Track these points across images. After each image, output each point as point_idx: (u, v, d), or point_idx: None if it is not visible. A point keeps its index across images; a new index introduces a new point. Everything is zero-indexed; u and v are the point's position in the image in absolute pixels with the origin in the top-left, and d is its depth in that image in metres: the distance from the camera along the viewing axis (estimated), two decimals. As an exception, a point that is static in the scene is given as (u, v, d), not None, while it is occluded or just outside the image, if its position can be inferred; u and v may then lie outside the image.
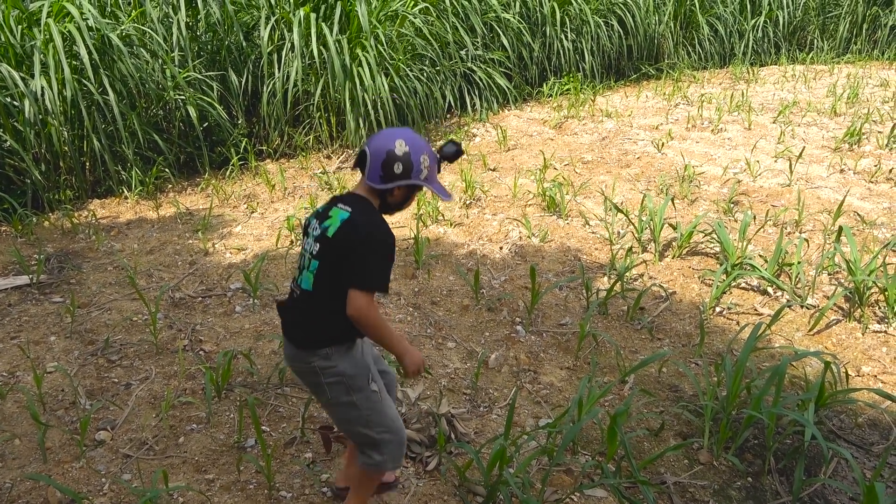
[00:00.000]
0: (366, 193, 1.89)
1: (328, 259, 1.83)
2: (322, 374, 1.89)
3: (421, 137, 1.89)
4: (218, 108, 6.01)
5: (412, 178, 1.83)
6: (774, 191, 4.97)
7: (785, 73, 9.26)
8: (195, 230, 4.73)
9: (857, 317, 3.27)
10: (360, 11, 6.04)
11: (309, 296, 1.88)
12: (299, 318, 1.91)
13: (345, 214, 1.83)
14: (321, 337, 1.87)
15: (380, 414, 1.94)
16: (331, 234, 1.83)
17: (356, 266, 1.79)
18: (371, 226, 1.82)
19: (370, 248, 1.80)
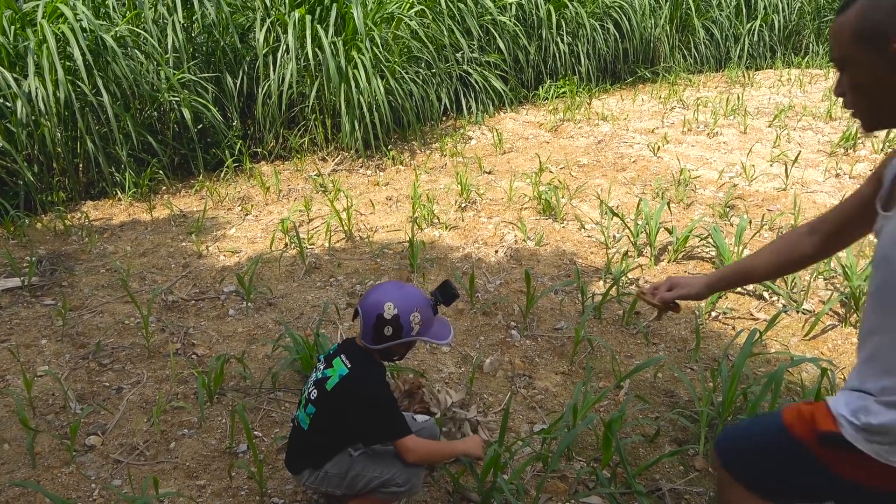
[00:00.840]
0: (363, 346, 1.98)
1: (325, 408, 1.94)
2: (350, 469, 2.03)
3: (412, 292, 1.94)
4: (212, 110, 5.99)
5: (403, 337, 1.90)
6: (770, 195, 4.97)
7: (780, 77, 9.28)
8: (189, 232, 4.70)
9: (853, 322, 3.26)
10: (356, 14, 6.02)
11: (303, 434, 2.01)
12: (297, 453, 2.06)
13: (344, 370, 1.93)
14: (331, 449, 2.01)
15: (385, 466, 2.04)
16: (329, 388, 1.93)
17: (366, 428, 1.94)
18: (370, 388, 1.92)
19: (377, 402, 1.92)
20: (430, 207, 4.78)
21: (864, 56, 1.25)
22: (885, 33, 1.20)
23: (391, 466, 2.00)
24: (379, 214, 4.97)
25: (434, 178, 5.76)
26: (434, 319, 1.96)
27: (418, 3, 7.25)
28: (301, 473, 2.03)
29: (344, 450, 2.00)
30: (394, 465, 2.00)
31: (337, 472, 2.00)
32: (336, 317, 3.48)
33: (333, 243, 4.43)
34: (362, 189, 5.61)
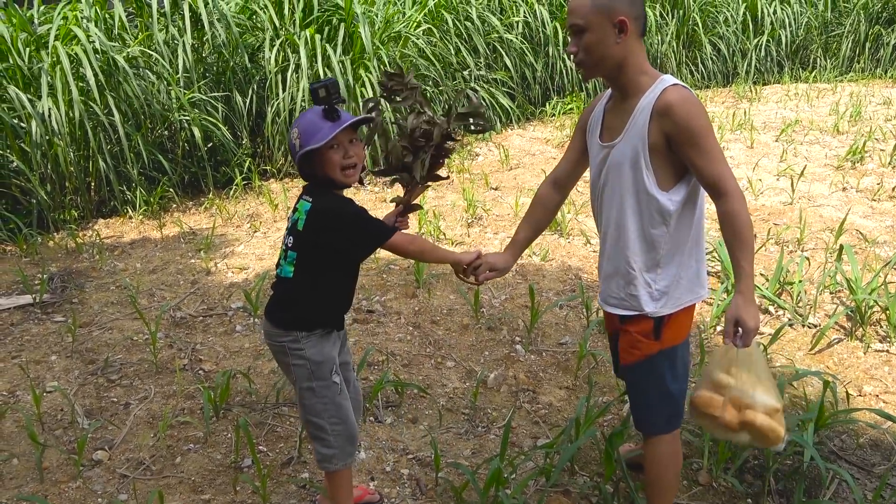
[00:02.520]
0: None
1: (305, 249, 1.92)
2: (290, 354, 1.98)
3: (303, 112, 1.93)
4: (222, 129, 6.07)
5: (295, 157, 1.89)
6: (776, 209, 4.97)
7: (788, 92, 9.29)
8: (198, 249, 4.75)
9: (859, 336, 3.25)
10: (364, 33, 6.10)
11: (288, 282, 1.96)
12: (277, 301, 2.01)
13: (307, 205, 1.91)
14: (294, 320, 1.95)
15: (335, 405, 2.02)
16: (301, 227, 1.90)
17: (357, 244, 1.92)
18: (337, 207, 1.90)
19: (344, 216, 1.89)
20: (437, 223, 4.81)
21: (597, 24, 1.74)
22: (613, 8, 1.73)
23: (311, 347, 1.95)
24: (386, 231, 5.00)
25: (441, 195, 5.79)
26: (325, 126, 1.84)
27: (425, 22, 7.34)
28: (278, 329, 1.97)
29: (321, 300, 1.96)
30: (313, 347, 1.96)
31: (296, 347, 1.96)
32: (342, 332, 3.50)
33: (340, 259, 4.46)
34: (370, 206, 5.66)
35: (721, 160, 1.75)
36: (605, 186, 1.94)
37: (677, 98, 1.75)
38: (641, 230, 1.87)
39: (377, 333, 3.49)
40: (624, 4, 1.75)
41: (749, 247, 1.75)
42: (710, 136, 1.74)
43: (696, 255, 1.92)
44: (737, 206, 1.73)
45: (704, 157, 1.74)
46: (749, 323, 1.73)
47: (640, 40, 1.81)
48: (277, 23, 6.60)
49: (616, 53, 1.78)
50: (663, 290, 1.88)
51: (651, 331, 1.91)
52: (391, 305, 3.81)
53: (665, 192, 1.82)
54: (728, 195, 1.74)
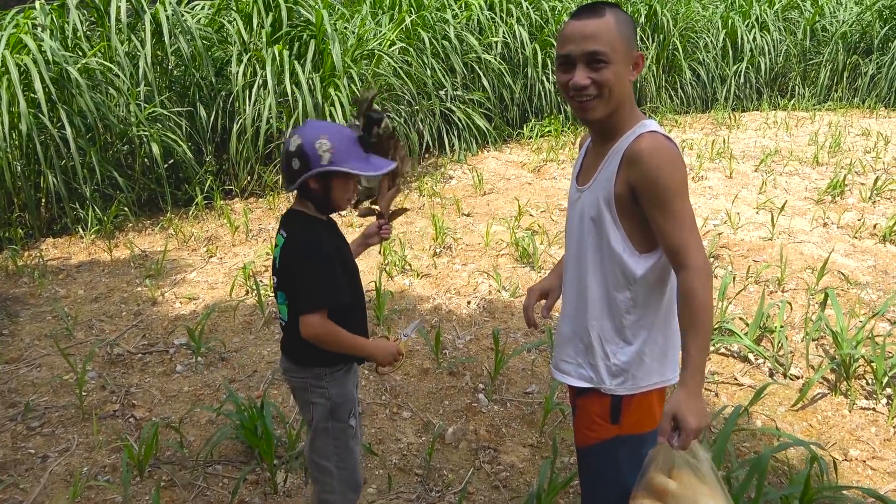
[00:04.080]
0: (298, 204, 1.83)
1: (287, 290, 1.81)
2: (311, 391, 1.88)
3: (324, 123, 1.78)
4: (182, 145, 5.78)
5: (312, 168, 1.71)
6: (756, 245, 4.80)
7: (767, 120, 9.22)
8: (147, 276, 4.46)
9: (844, 390, 3.05)
10: (334, 50, 5.87)
11: (289, 325, 1.84)
12: (289, 339, 1.89)
13: (281, 240, 1.80)
14: (312, 357, 1.84)
15: (347, 449, 1.93)
16: (279, 266, 1.81)
17: (299, 289, 1.76)
18: (301, 242, 1.77)
19: (303, 262, 1.75)
20: (402, 253, 4.56)
21: (622, 56, 1.53)
22: (632, 41, 1.55)
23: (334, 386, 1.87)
24: (349, 259, 4.74)
25: (410, 220, 5.55)
26: (361, 154, 1.76)
27: (401, 40, 7.14)
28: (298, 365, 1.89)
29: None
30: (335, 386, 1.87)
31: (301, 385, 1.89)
32: (291, 375, 3.23)
33: (298, 291, 4.19)
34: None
35: (689, 227, 1.50)
36: (572, 236, 1.72)
37: (649, 146, 1.51)
38: (605, 292, 1.63)
39: (329, 377, 3.22)
40: (634, 39, 1.58)
41: (704, 333, 1.48)
42: (679, 197, 1.49)
43: (666, 333, 1.65)
44: (697, 284, 1.48)
45: (670, 219, 1.49)
46: (689, 421, 1.44)
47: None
48: (246, 37, 6.35)
49: (626, 92, 1.57)
50: (623, 365, 1.63)
51: (608, 412, 1.64)
52: (348, 345, 3.54)
53: (635, 254, 1.58)
54: (690, 269, 1.48)
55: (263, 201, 6.08)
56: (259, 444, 2.46)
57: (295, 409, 2.96)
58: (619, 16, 1.54)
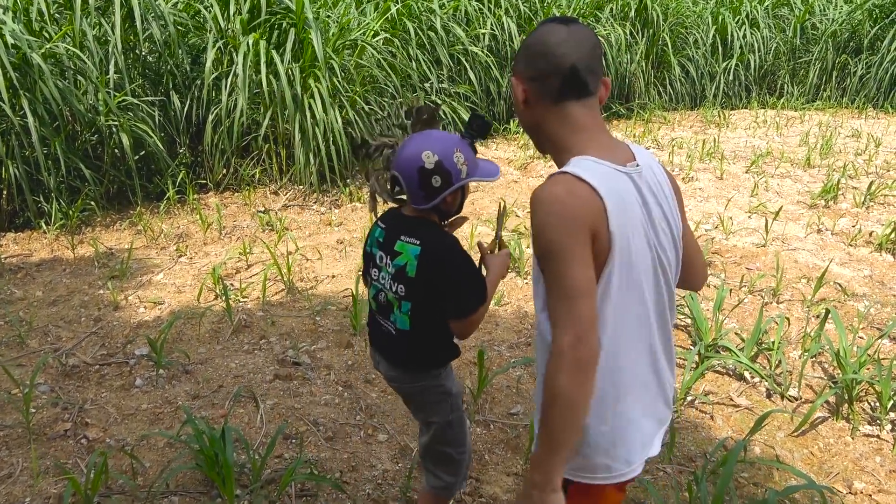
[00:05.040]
0: (409, 211, 1.79)
1: (419, 298, 1.75)
2: (430, 392, 1.89)
3: (443, 134, 1.74)
4: (154, 136, 5.51)
5: (454, 183, 1.69)
6: (749, 251, 4.63)
7: (756, 119, 9.08)
8: (111, 276, 4.21)
9: (845, 414, 2.89)
10: (315, 40, 5.62)
11: (409, 334, 1.80)
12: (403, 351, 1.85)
13: (416, 249, 1.73)
14: (429, 364, 1.87)
15: (465, 434, 1.99)
16: (413, 274, 1.72)
17: (452, 299, 1.72)
18: (448, 251, 1.74)
19: (458, 266, 1.73)
20: (382, 256, 4.34)
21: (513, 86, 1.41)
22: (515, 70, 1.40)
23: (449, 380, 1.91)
24: (327, 261, 4.53)
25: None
26: (476, 158, 1.76)
27: (385, 30, 6.89)
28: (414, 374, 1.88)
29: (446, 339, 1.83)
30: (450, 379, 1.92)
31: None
32: (260, 392, 3.02)
33: (271, 296, 3.97)
34: (313, 229, 5.17)
35: (563, 296, 1.23)
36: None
37: (537, 194, 1.28)
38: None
39: (300, 394, 3.01)
40: (520, 62, 1.38)
41: (549, 428, 1.23)
42: (557, 260, 1.23)
43: (616, 420, 1.35)
44: (552, 370, 1.22)
45: (548, 282, 1.27)
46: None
47: (556, 107, 1.35)
48: (222, 24, 6.07)
49: (527, 121, 1.42)
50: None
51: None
52: (321, 357, 3.33)
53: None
54: (554, 348, 1.23)
55: (239, 196, 5.83)
56: (216, 478, 2.25)
57: (262, 431, 2.75)
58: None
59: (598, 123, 1.37)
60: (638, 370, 1.37)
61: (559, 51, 1.32)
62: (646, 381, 1.40)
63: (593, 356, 1.23)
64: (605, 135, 1.38)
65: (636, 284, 1.32)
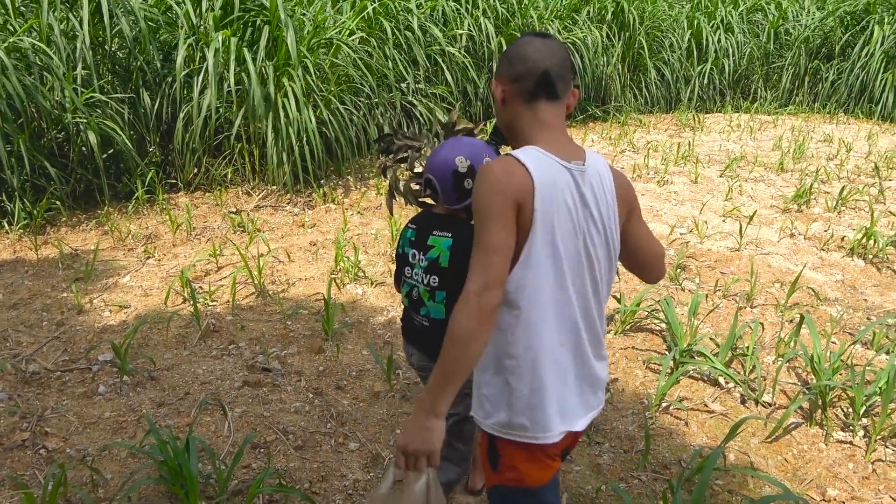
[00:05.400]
0: (440, 210, 1.96)
1: (452, 287, 1.88)
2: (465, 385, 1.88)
3: (472, 141, 1.92)
4: (122, 134, 5.38)
5: None
6: (724, 255, 4.65)
7: (730, 122, 9.16)
8: (76, 279, 4.09)
9: (819, 420, 2.89)
10: (289, 38, 5.53)
11: (442, 324, 1.78)
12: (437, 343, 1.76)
13: (448, 241, 1.89)
14: None
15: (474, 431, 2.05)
16: (445, 264, 1.88)
17: None
18: None
19: None
20: (356, 259, 4.28)
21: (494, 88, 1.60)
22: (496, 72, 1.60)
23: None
24: (299, 263, 4.44)
25: (366, 221, 5.27)
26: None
27: (361, 29, 6.81)
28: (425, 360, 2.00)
29: None
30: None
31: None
32: (228, 399, 2.94)
33: (241, 299, 3.88)
34: (285, 230, 5.08)
35: (480, 250, 1.41)
36: None
37: (481, 169, 1.49)
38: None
39: (269, 401, 2.93)
40: (502, 67, 1.58)
41: (444, 363, 1.39)
42: (483, 221, 1.43)
43: (534, 383, 1.50)
44: (457, 309, 1.39)
45: (474, 240, 1.45)
46: (399, 440, 1.45)
47: (528, 105, 1.54)
48: (195, 20, 5.95)
49: (503, 119, 1.61)
50: (490, 397, 1.55)
51: (487, 450, 1.59)
52: (292, 363, 3.26)
53: None
54: (463, 294, 1.39)
55: (210, 196, 5.71)
56: (179, 491, 2.17)
57: (229, 440, 2.67)
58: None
59: (561, 126, 1.55)
60: (555, 343, 1.51)
61: (535, 57, 1.52)
62: (563, 356, 1.53)
63: (495, 306, 1.40)
64: (563, 135, 1.55)
65: (558, 263, 1.48)
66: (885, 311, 3.92)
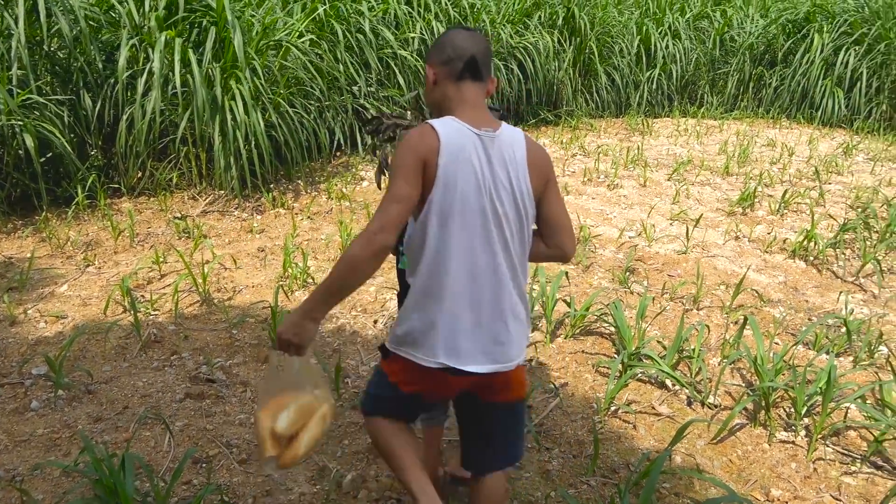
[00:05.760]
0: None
1: None
2: None
3: None
4: (61, 138, 5.19)
5: None
6: (671, 258, 4.72)
7: (678, 127, 9.34)
8: (9, 287, 3.92)
9: (763, 421, 2.94)
10: (236, 40, 5.41)
11: None
12: None
13: None
14: None
15: None
16: None
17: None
18: None
19: None
20: (305, 266, 4.20)
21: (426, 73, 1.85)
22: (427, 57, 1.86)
23: None
24: (246, 270, 4.35)
25: (317, 226, 5.19)
26: None
27: (311, 31, 6.72)
28: None
29: None
30: None
31: None
32: (169, 412, 2.84)
33: (184, 308, 3.77)
34: (233, 236, 4.97)
35: (386, 198, 1.66)
36: None
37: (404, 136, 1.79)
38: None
39: (213, 414, 2.85)
40: (433, 53, 1.82)
41: (331, 276, 1.67)
42: (392, 174, 1.68)
43: (421, 310, 1.74)
44: (355, 241, 1.65)
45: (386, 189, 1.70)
46: (279, 328, 1.73)
47: (456, 84, 1.78)
48: (138, 20, 5.78)
49: (433, 98, 1.85)
50: (398, 319, 1.83)
51: (381, 349, 1.91)
52: (237, 373, 3.18)
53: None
54: (363, 230, 1.65)
55: (154, 201, 5.55)
56: (114, 513, 2.08)
57: (169, 455, 2.58)
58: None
59: (481, 104, 1.79)
60: (453, 286, 1.70)
61: (463, 44, 1.78)
62: (458, 302, 1.71)
63: (384, 246, 1.62)
64: (482, 111, 1.77)
65: (460, 215, 1.68)
66: (825, 312, 4.04)
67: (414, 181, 1.65)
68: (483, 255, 1.70)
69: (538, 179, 1.77)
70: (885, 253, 4.88)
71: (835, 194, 6.39)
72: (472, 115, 1.74)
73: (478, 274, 1.70)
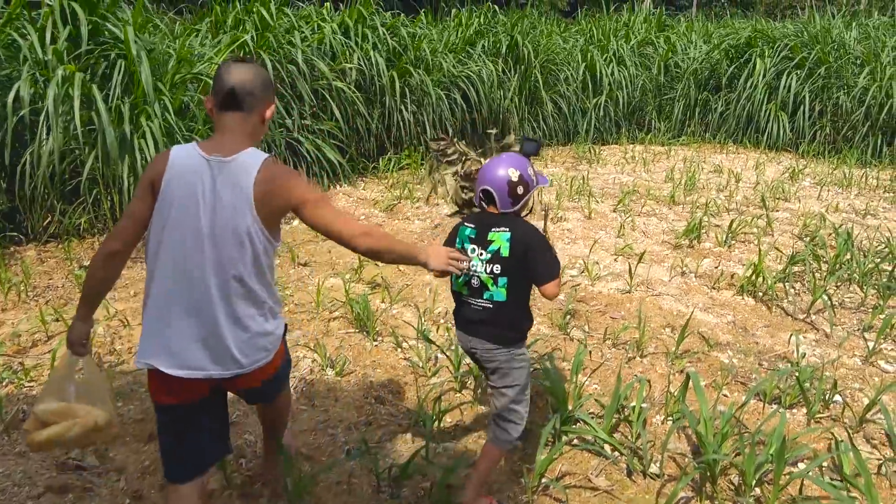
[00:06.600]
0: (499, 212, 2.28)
1: (513, 273, 2.23)
2: (516, 360, 2.33)
3: (513, 155, 2.32)
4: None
5: (531, 189, 2.29)
6: (614, 298, 4.43)
7: (626, 154, 9.20)
8: None
9: (708, 492, 2.62)
10: (143, 74, 5.02)
11: (503, 305, 2.26)
12: (498, 324, 2.30)
13: (507, 235, 2.23)
14: (519, 335, 2.36)
15: (528, 394, 2.40)
16: (507, 254, 2.23)
17: (540, 268, 2.23)
18: (532, 234, 2.25)
19: (544, 246, 2.25)
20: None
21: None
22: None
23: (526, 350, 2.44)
24: (148, 327, 3.91)
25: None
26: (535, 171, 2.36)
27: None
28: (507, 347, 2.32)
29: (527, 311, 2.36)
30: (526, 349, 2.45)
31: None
32: (21, 513, 2.40)
33: (66, 377, 3.32)
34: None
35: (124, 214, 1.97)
36: None
37: None
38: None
39: (74, 514, 2.42)
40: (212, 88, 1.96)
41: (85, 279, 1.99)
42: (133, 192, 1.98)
43: (144, 323, 1.92)
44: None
45: None
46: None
47: (219, 114, 1.93)
48: (41, 54, 5.35)
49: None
50: None
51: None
52: (114, 456, 2.74)
53: None
54: None
55: (62, 248, 5.08)
56: None
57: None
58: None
59: (240, 130, 1.93)
60: (164, 294, 1.87)
61: (224, 77, 1.91)
62: (170, 308, 1.87)
63: (109, 252, 1.93)
64: (231, 137, 1.91)
65: (178, 231, 1.84)
66: (776, 355, 3.78)
67: (143, 198, 1.89)
68: (200, 267, 1.84)
69: (278, 201, 1.89)
70: (836, 286, 4.67)
71: (783, 222, 6.22)
72: (215, 142, 1.90)
73: (190, 283, 1.84)
